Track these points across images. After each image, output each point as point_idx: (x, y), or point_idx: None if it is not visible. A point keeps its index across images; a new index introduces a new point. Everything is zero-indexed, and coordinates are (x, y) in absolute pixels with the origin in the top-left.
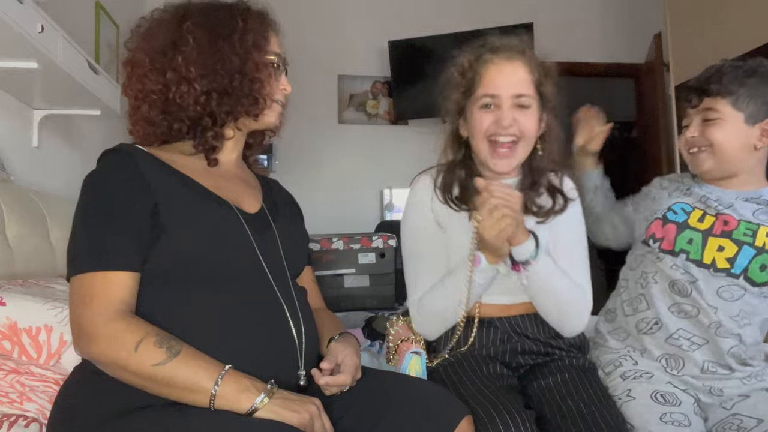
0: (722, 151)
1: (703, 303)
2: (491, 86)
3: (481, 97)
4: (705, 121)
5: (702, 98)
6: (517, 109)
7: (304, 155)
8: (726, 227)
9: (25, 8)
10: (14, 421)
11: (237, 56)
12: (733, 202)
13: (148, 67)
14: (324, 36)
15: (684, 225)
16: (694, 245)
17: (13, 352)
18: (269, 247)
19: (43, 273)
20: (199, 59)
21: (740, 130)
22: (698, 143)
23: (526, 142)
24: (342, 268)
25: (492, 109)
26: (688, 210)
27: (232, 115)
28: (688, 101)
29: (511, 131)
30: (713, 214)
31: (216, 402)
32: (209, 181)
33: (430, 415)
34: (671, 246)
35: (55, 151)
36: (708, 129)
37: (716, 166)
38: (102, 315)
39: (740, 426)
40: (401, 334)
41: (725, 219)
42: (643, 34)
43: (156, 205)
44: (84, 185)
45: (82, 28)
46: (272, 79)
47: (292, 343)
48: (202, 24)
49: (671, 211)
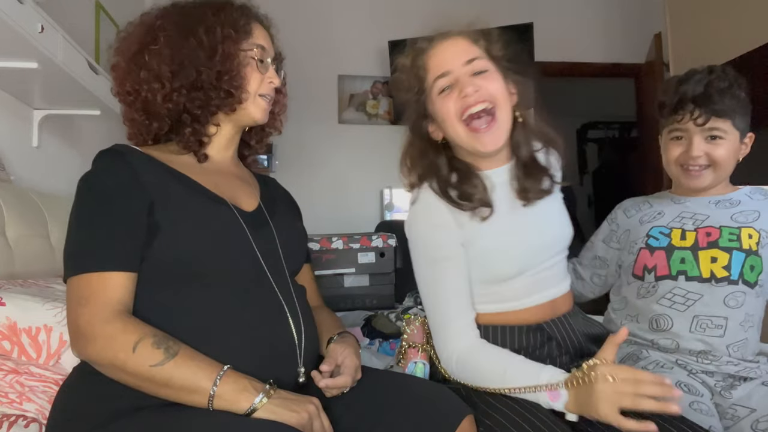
0: (722, 168)
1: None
2: (440, 66)
3: (435, 82)
4: (710, 139)
5: (710, 117)
6: (475, 76)
7: (304, 155)
8: (710, 238)
9: (25, 8)
10: (14, 422)
11: (203, 49)
12: (708, 213)
13: (125, 69)
14: (324, 36)
15: (670, 247)
16: (689, 263)
17: (13, 352)
18: (267, 244)
19: (43, 273)
20: (169, 56)
21: (735, 147)
22: (701, 163)
23: (502, 109)
24: (342, 268)
25: (452, 89)
26: (666, 232)
27: (206, 109)
28: (689, 113)
29: (479, 97)
30: (692, 229)
31: (214, 402)
32: (206, 179)
33: (431, 415)
34: (667, 271)
35: (55, 151)
36: (713, 148)
37: (713, 181)
38: (99, 316)
39: (734, 415)
40: (414, 336)
41: (706, 231)
42: (643, 34)
43: (152, 205)
44: (79, 186)
45: (82, 28)
46: (252, 71)
47: (292, 342)
48: (173, 21)
49: (652, 238)
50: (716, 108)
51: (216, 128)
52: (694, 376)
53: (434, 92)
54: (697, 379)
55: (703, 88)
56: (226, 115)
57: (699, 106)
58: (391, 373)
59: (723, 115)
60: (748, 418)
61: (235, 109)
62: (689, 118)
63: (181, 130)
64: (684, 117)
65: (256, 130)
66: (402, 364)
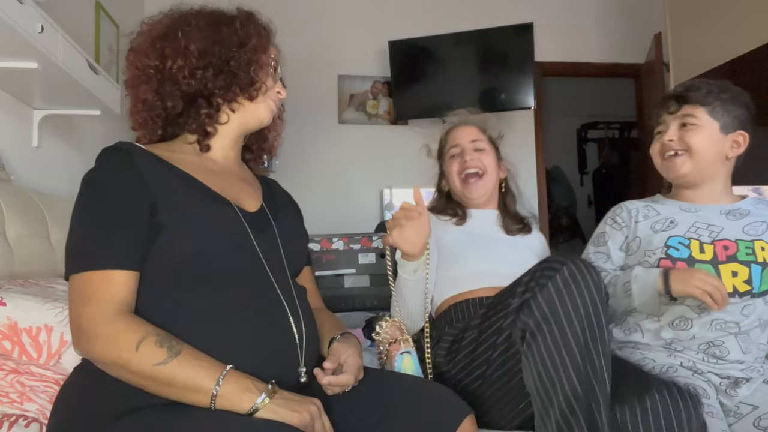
0: (699, 156)
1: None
2: (454, 141)
3: (449, 150)
4: (683, 126)
5: (681, 105)
6: (476, 151)
7: (305, 155)
8: (728, 252)
9: (25, 8)
10: (14, 421)
11: (237, 36)
12: (721, 225)
13: (148, 47)
14: (324, 36)
15: (691, 260)
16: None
17: (13, 352)
18: (269, 245)
19: (43, 273)
20: (200, 36)
21: (715, 138)
22: (675, 147)
23: (490, 175)
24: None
25: (458, 157)
26: (686, 243)
27: (227, 91)
28: (665, 108)
29: (474, 164)
30: (709, 242)
31: (217, 402)
32: (209, 179)
33: (432, 415)
34: None
35: (55, 151)
36: (686, 134)
37: (692, 170)
38: (102, 314)
39: (737, 413)
40: (389, 337)
41: (724, 244)
42: (643, 34)
43: (155, 203)
44: (82, 183)
45: (82, 28)
46: (268, 76)
47: (293, 342)
48: (207, 13)
49: (672, 248)
50: (689, 96)
51: (228, 116)
52: (700, 376)
53: (447, 156)
54: (703, 378)
55: (681, 87)
56: (238, 109)
57: (675, 99)
58: (392, 374)
59: (695, 102)
60: (750, 415)
61: (252, 98)
62: (665, 111)
63: (192, 112)
64: (662, 110)
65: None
66: (388, 363)
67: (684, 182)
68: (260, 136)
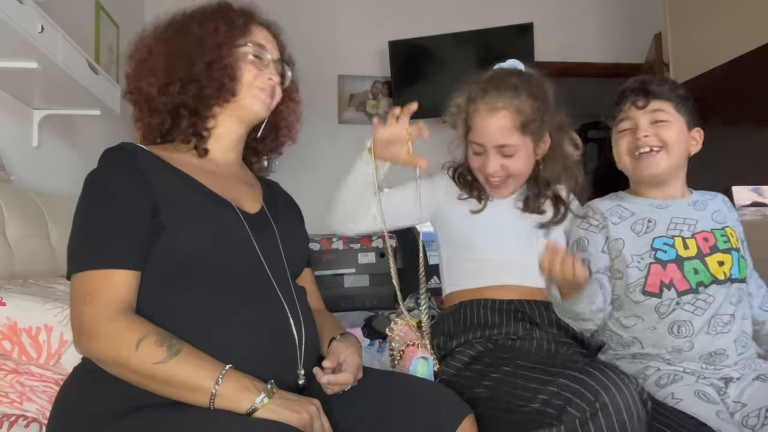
0: (674, 152)
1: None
2: (478, 135)
3: (471, 146)
4: (655, 123)
5: (650, 100)
6: (502, 157)
7: (304, 155)
8: (709, 243)
9: (25, 8)
10: (14, 421)
11: (194, 41)
12: (695, 217)
13: (130, 69)
14: (324, 36)
15: (679, 259)
16: (702, 273)
17: (13, 352)
18: (270, 246)
19: (43, 273)
20: (164, 50)
21: (683, 134)
22: (652, 143)
23: (517, 177)
24: (342, 268)
25: (481, 155)
26: (670, 242)
27: (202, 102)
28: (631, 102)
29: (497, 175)
30: (690, 236)
31: (216, 401)
32: (210, 180)
33: (432, 415)
34: (687, 285)
35: (55, 151)
36: (661, 130)
37: (668, 167)
38: (103, 313)
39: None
40: (404, 337)
41: (703, 237)
42: (643, 34)
43: (156, 204)
44: (85, 183)
45: (82, 28)
46: (246, 64)
47: (293, 343)
48: (172, 22)
49: (659, 251)
50: (654, 90)
51: (214, 121)
52: (704, 380)
53: (470, 149)
54: (707, 382)
55: (639, 82)
56: (225, 109)
57: (638, 93)
58: (392, 374)
59: (662, 97)
60: (739, 413)
61: (229, 101)
62: (630, 104)
63: (180, 123)
64: (626, 105)
65: (271, 137)
66: (400, 365)
67: (656, 180)
68: (272, 137)
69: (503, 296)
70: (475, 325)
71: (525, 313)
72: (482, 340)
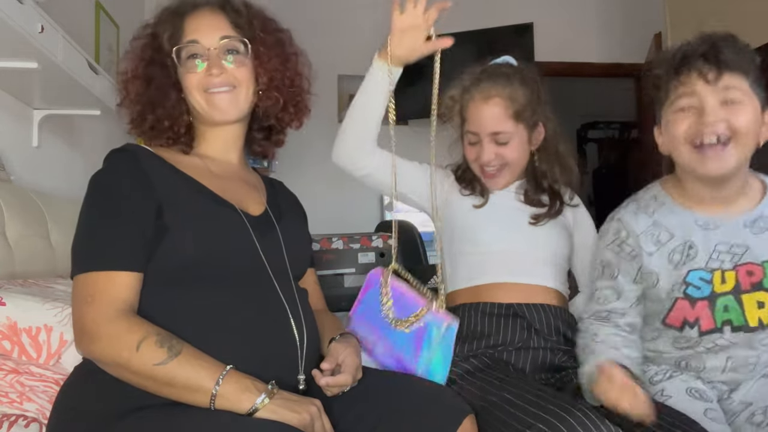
0: (745, 145)
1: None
2: (472, 124)
3: (467, 134)
4: (725, 104)
5: (723, 72)
6: (497, 145)
7: (304, 155)
8: (753, 278)
9: (25, 8)
10: (14, 421)
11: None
12: (745, 243)
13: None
14: (324, 36)
15: (713, 296)
16: (733, 311)
17: (13, 352)
18: (273, 249)
19: (43, 273)
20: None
21: (758, 119)
22: (719, 131)
23: (512, 166)
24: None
25: (476, 144)
26: (708, 278)
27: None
28: (697, 73)
29: (492, 164)
30: (731, 268)
31: (216, 402)
32: (213, 182)
33: (432, 415)
34: (712, 324)
35: (55, 151)
36: (732, 114)
37: (737, 163)
38: (104, 314)
39: (733, 411)
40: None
41: (747, 270)
42: (643, 34)
43: (160, 206)
44: (89, 184)
45: (82, 28)
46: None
47: (294, 344)
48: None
49: (692, 287)
50: (729, 60)
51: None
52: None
53: (466, 140)
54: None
55: (710, 45)
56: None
57: (708, 60)
58: (392, 374)
59: (738, 70)
60: (745, 412)
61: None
62: (697, 76)
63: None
64: (690, 76)
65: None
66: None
67: (720, 179)
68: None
69: (503, 298)
70: (472, 334)
71: (524, 318)
72: (479, 353)
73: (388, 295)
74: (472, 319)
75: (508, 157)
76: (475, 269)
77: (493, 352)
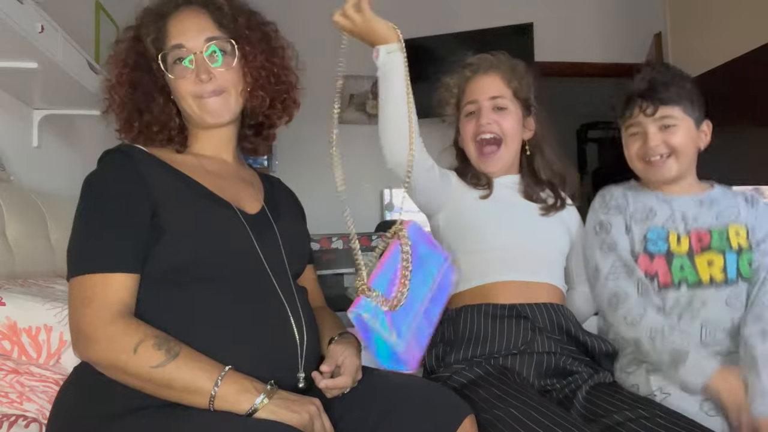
0: (683, 155)
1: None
2: (471, 95)
3: (465, 106)
4: (663, 129)
5: (657, 107)
6: (495, 111)
7: (304, 155)
8: (702, 243)
9: (25, 8)
10: (14, 422)
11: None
12: (695, 215)
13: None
14: (324, 36)
15: (669, 254)
16: (687, 270)
17: (13, 352)
18: (270, 247)
19: (43, 273)
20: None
21: (692, 134)
22: (660, 151)
23: (509, 142)
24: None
25: (474, 115)
26: (664, 235)
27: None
28: (639, 108)
29: (491, 128)
30: (685, 234)
31: (215, 403)
32: (210, 181)
33: (432, 415)
34: (669, 280)
35: (55, 151)
36: (669, 136)
37: (679, 171)
38: (101, 317)
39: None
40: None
41: (698, 236)
42: (643, 34)
43: (156, 206)
44: (84, 186)
45: (82, 28)
46: (176, 80)
47: (293, 344)
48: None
49: (650, 242)
50: (662, 97)
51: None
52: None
53: (463, 113)
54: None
55: (647, 84)
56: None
57: (645, 98)
58: (392, 373)
59: (670, 103)
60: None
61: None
62: (639, 111)
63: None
64: (634, 112)
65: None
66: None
67: (668, 182)
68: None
69: (506, 299)
70: (475, 339)
71: (527, 318)
72: (481, 359)
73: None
74: (474, 322)
75: (504, 127)
76: (477, 269)
77: (498, 358)
